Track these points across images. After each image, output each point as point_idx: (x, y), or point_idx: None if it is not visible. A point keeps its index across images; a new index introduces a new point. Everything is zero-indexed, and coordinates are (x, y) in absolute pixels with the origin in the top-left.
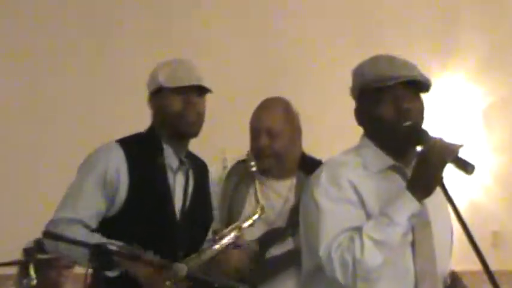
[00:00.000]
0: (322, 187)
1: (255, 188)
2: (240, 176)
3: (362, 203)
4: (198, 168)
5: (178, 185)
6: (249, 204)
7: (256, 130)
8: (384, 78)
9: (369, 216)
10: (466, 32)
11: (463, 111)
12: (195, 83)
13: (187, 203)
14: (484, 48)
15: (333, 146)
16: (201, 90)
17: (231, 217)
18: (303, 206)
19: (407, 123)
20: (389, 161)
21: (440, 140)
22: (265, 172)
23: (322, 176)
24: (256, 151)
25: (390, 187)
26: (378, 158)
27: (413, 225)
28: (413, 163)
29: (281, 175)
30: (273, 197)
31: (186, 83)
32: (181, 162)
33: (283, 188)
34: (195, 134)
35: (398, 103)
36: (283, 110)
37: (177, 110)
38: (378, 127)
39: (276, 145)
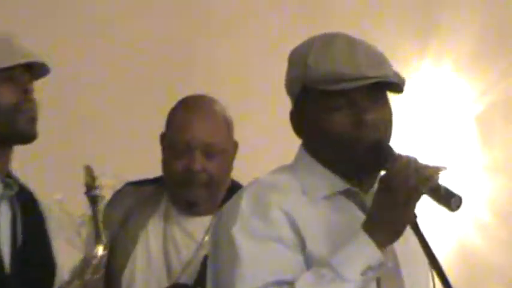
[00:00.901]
0: (242, 219)
1: (96, 218)
2: (133, 205)
3: (301, 242)
4: (23, 192)
5: (4, 221)
6: (143, 246)
7: (186, 146)
8: (341, 77)
9: (310, 262)
10: (454, 8)
11: (448, 117)
12: (33, 59)
13: (19, 245)
14: (479, 30)
15: (261, 164)
16: (31, 75)
17: (114, 264)
18: (212, 245)
19: (371, 141)
20: (340, 183)
21: (413, 160)
22: (178, 203)
23: (243, 203)
24: (186, 176)
25: (343, 220)
26: (323, 179)
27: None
28: (374, 188)
29: (201, 211)
30: (180, 239)
31: (22, 60)
32: (5, 184)
33: (198, 227)
34: (35, 137)
35: (358, 113)
36: (223, 118)
37: (11, 102)
38: (325, 142)
39: (214, 169)
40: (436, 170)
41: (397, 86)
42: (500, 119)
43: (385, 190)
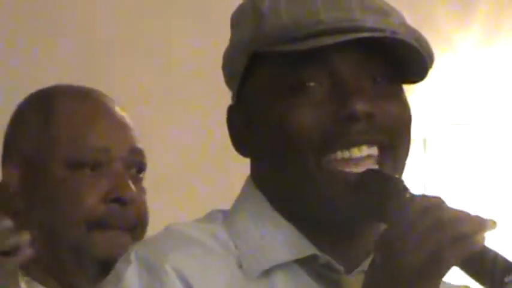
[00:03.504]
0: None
1: None
2: None
3: None
4: None
5: None
6: None
7: (104, 158)
8: (315, 27)
9: None
10: None
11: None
12: None
13: None
14: None
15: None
16: None
17: None
18: None
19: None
20: (303, 245)
21: (437, 206)
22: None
23: (129, 273)
24: (108, 214)
25: None
26: (278, 237)
27: None
28: (366, 262)
29: None
30: None
31: None
32: None
33: None
34: None
35: (343, 97)
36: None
37: None
38: (278, 155)
39: (144, 201)
40: (481, 225)
41: (419, 62)
42: None
43: (384, 256)
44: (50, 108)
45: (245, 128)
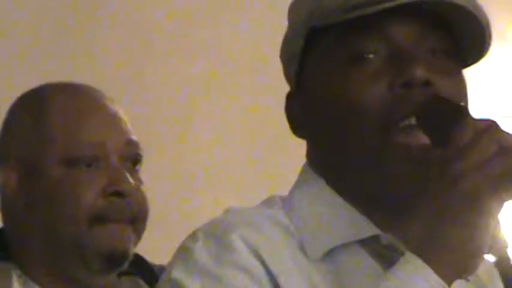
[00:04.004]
0: (195, 265)
1: None
2: None
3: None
4: None
5: None
6: None
7: (100, 154)
8: None
9: None
10: None
11: None
12: None
13: None
14: None
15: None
16: None
17: None
18: None
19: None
20: (364, 226)
21: (500, 132)
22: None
23: (198, 246)
24: (111, 207)
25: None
26: (338, 219)
27: None
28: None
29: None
30: None
31: None
32: None
33: None
34: None
35: (402, 65)
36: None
37: None
38: (343, 133)
39: (144, 194)
40: None
41: (477, 36)
42: None
43: (441, 178)
44: (42, 106)
45: (303, 110)
